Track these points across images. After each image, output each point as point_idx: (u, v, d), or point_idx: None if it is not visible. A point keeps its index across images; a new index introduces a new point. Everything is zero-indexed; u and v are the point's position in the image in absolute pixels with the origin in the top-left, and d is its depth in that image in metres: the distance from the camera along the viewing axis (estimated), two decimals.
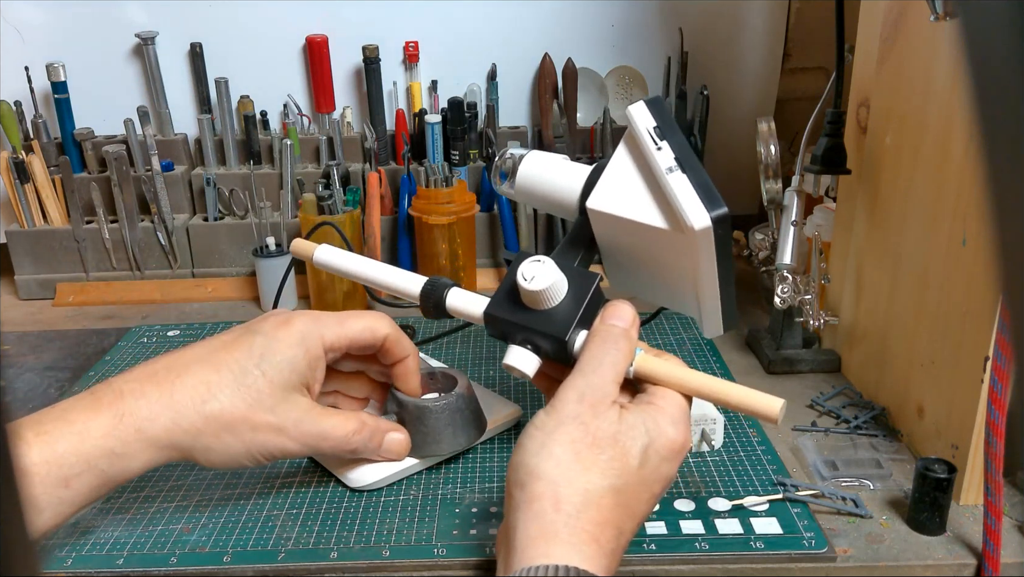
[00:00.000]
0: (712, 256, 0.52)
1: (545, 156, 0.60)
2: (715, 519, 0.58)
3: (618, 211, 0.53)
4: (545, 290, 0.51)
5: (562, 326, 0.51)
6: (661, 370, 0.50)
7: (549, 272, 0.51)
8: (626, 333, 0.51)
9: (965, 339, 0.58)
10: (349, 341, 0.57)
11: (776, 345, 0.78)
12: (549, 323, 0.52)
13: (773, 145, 0.79)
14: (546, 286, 0.51)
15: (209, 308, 0.96)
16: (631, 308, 0.52)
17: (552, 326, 0.51)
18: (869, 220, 0.72)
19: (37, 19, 0.98)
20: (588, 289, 0.52)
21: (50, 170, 0.97)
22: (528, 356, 0.53)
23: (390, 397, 0.63)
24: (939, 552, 0.55)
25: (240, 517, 0.59)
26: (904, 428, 0.67)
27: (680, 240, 0.51)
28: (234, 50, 1.00)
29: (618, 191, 0.54)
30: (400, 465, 0.62)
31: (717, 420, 0.64)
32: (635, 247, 0.56)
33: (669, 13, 1.01)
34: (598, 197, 0.54)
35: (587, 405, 0.47)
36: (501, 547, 0.47)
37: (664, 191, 0.51)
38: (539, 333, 0.52)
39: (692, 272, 0.54)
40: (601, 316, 0.52)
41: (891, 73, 0.68)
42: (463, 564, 0.55)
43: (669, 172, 0.51)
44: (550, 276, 0.51)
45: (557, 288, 0.51)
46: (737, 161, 1.05)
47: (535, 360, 0.53)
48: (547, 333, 0.51)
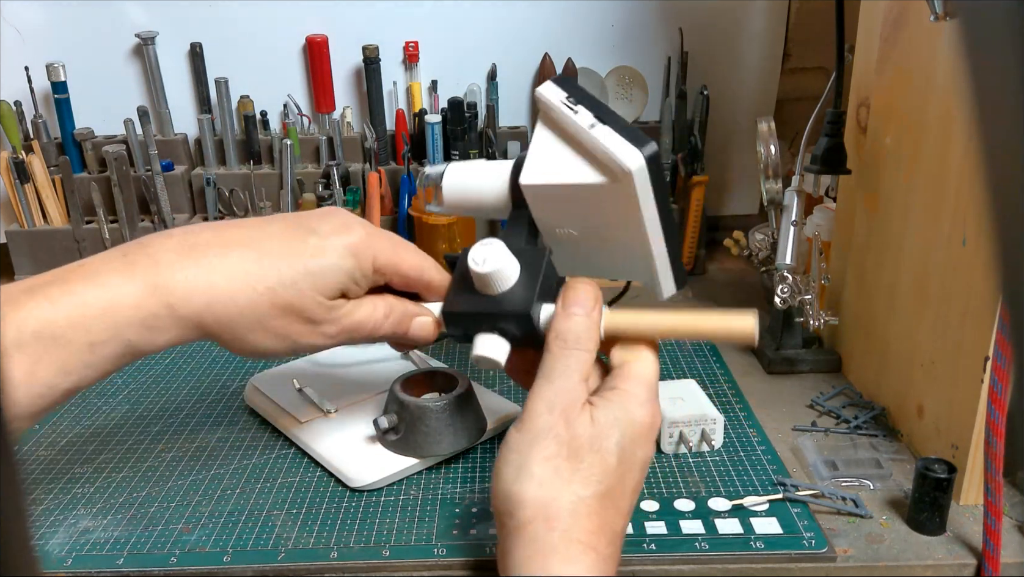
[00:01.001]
0: (651, 198, 0.51)
1: (464, 164, 0.60)
2: (715, 519, 0.58)
3: (552, 179, 0.53)
4: (499, 269, 0.50)
5: (523, 302, 0.51)
6: (629, 324, 0.50)
7: (499, 251, 0.50)
8: (587, 323, 0.49)
9: (965, 339, 0.58)
10: (397, 270, 0.54)
11: (776, 345, 0.78)
12: (510, 302, 0.51)
13: (773, 145, 0.79)
14: (500, 264, 0.50)
15: None
16: (591, 287, 0.51)
17: (513, 304, 0.51)
18: (869, 220, 0.72)
19: (37, 19, 0.98)
20: (541, 263, 0.52)
21: (50, 170, 0.97)
22: (496, 341, 0.52)
23: (390, 396, 0.63)
24: (939, 552, 0.55)
25: (240, 517, 0.59)
26: (904, 428, 0.67)
27: (617, 192, 0.51)
28: (234, 50, 1.00)
29: (547, 162, 0.53)
30: (400, 465, 0.62)
31: (717, 420, 0.64)
32: (575, 216, 0.55)
33: (669, 13, 1.01)
34: (529, 172, 0.54)
35: (558, 415, 0.46)
36: (500, 571, 0.47)
37: (591, 147, 0.51)
38: (502, 315, 0.51)
39: (635, 226, 0.53)
40: (561, 302, 0.50)
41: (891, 73, 0.68)
42: (463, 564, 0.55)
43: (592, 128, 0.51)
44: (501, 255, 0.50)
45: (510, 266, 0.51)
46: (737, 161, 1.05)
47: (504, 345, 0.52)
48: (510, 312, 0.51)
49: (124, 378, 0.79)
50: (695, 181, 0.96)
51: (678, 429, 0.64)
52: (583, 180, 0.52)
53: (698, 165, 0.96)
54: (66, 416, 0.73)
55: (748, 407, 0.72)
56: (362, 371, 0.74)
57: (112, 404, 0.74)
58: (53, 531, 0.58)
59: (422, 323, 0.56)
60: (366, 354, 0.77)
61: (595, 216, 0.54)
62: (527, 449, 0.46)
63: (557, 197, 0.54)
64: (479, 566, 0.55)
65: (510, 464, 0.46)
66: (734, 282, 1.00)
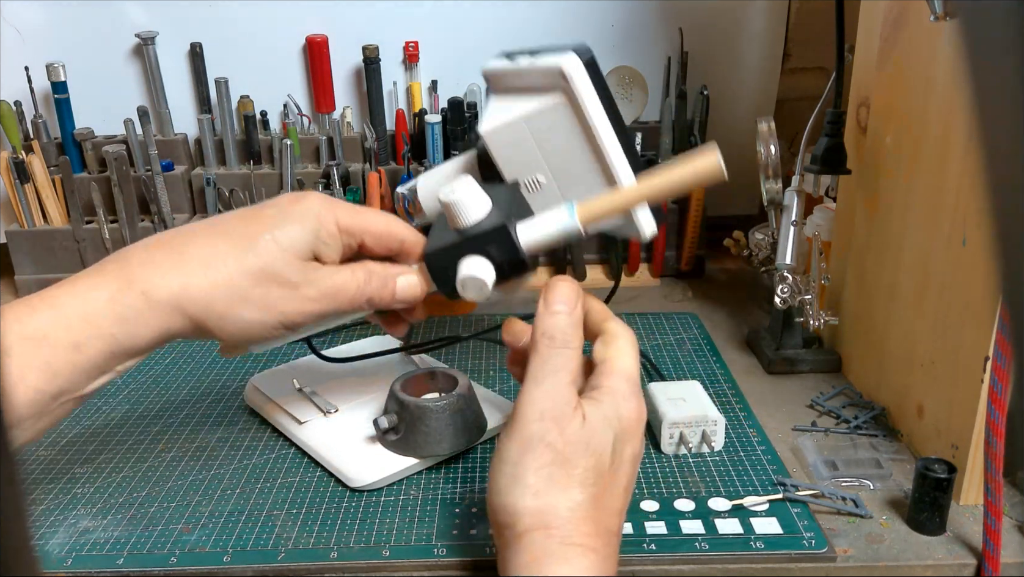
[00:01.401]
0: (598, 104, 0.53)
1: (432, 171, 0.64)
2: (715, 519, 0.58)
3: (507, 118, 0.55)
4: (468, 194, 0.51)
5: (498, 218, 0.51)
6: (604, 207, 0.51)
7: (467, 181, 0.51)
8: (571, 320, 0.49)
9: (965, 339, 0.58)
10: (364, 228, 0.54)
11: (776, 345, 0.78)
12: (486, 223, 0.51)
13: (773, 145, 0.79)
14: (468, 190, 0.51)
15: None
16: (572, 284, 0.51)
17: (490, 222, 0.51)
18: (869, 220, 0.72)
19: (37, 19, 0.98)
20: (510, 193, 0.54)
21: (50, 170, 0.97)
22: (480, 261, 0.52)
23: (390, 396, 0.63)
24: (939, 552, 0.55)
25: (240, 517, 0.59)
26: (904, 428, 0.67)
27: (567, 110, 0.53)
28: (234, 50, 1.00)
29: (501, 110, 0.56)
30: (400, 465, 0.62)
31: (718, 421, 0.64)
32: (537, 156, 0.56)
33: (669, 13, 1.01)
34: (487, 121, 0.56)
35: (549, 421, 0.46)
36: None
37: (533, 77, 0.54)
38: (480, 236, 0.51)
39: (591, 142, 0.54)
40: (544, 300, 0.50)
41: (891, 73, 0.68)
42: (463, 564, 0.55)
43: (531, 59, 0.54)
44: (469, 184, 0.51)
45: (479, 195, 0.51)
46: (737, 161, 1.04)
47: (488, 266, 0.52)
48: (487, 229, 0.51)
49: (124, 378, 0.79)
50: None
51: (678, 430, 0.64)
52: (534, 108, 0.54)
53: None
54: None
55: (748, 407, 0.72)
56: (362, 371, 0.74)
57: (112, 404, 0.74)
58: (53, 531, 0.58)
59: (407, 281, 0.55)
60: (366, 354, 0.77)
61: (555, 147, 0.56)
62: (519, 458, 0.46)
63: (517, 139, 0.56)
64: (479, 566, 0.55)
65: (504, 475, 0.46)
66: (734, 282, 1.00)
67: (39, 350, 0.46)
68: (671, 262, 1.00)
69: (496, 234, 0.51)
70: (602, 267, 1.00)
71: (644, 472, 0.63)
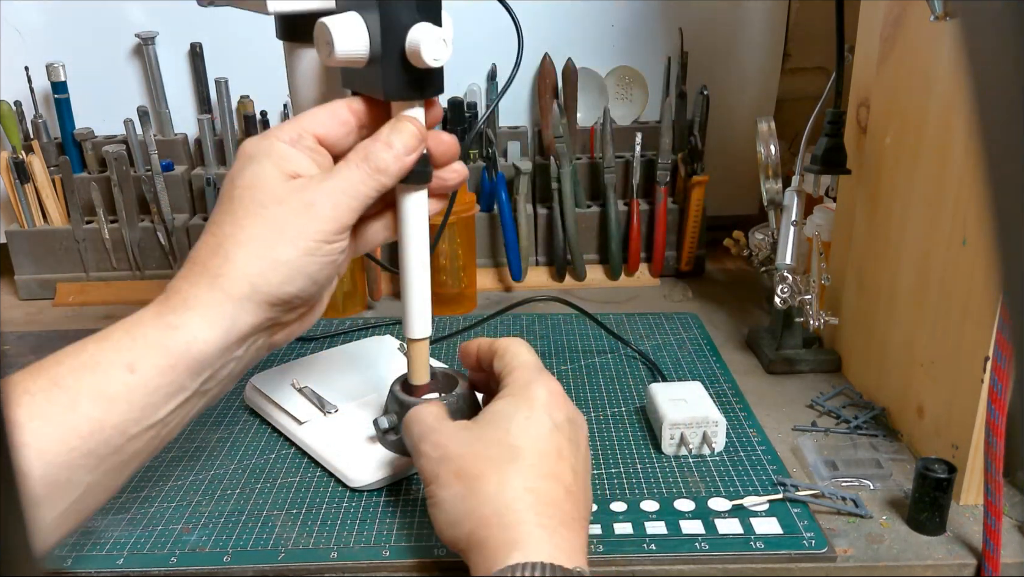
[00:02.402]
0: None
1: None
2: (715, 519, 0.58)
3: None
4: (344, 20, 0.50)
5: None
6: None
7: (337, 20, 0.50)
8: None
9: (965, 339, 0.58)
10: (305, 128, 0.51)
11: (776, 345, 0.78)
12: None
13: (773, 145, 0.79)
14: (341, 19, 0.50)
15: None
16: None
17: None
18: (869, 220, 0.72)
19: (37, 19, 0.98)
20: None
21: (50, 170, 0.97)
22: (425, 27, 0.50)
23: (390, 396, 0.63)
24: (939, 552, 0.55)
25: (240, 517, 0.59)
26: (904, 428, 0.67)
27: None
28: (234, 50, 1.00)
29: None
30: (400, 465, 0.62)
31: (719, 423, 0.64)
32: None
33: (669, 13, 1.01)
34: None
35: (450, 473, 0.49)
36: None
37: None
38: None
39: None
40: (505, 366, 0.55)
41: (891, 73, 0.68)
42: (463, 564, 0.55)
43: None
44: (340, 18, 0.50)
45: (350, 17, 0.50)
46: (737, 161, 1.05)
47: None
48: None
49: None
50: (695, 181, 0.96)
51: (679, 431, 0.64)
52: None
53: (698, 165, 0.96)
54: None
55: (748, 407, 0.72)
56: (362, 371, 0.74)
57: None
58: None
59: (397, 124, 0.52)
60: (366, 354, 0.77)
61: None
62: (461, 503, 0.48)
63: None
64: None
65: (439, 515, 0.49)
66: (734, 282, 1.00)
67: (92, 376, 0.45)
68: (671, 262, 1.00)
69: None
70: (602, 267, 1.00)
71: (644, 472, 0.63)
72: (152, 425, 0.46)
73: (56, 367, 0.45)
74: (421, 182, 0.54)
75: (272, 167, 0.49)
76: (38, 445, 0.43)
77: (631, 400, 0.73)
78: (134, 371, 0.45)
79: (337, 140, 0.53)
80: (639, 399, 0.73)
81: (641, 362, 0.80)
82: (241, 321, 0.48)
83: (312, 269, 0.49)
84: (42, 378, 0.44)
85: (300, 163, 0.50)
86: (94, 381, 0.44)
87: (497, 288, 0.98)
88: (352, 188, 0.50)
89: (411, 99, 0.52)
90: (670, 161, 0.96)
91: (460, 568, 0.55)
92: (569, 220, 0.96)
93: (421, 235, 0.55)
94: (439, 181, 0.55)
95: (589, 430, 0.68)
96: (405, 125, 0.51)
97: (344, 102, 0.53)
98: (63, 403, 0.44)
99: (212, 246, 0.49)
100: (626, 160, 0.98)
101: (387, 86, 0.51)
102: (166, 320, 0.47)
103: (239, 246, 0.48)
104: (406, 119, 0.52)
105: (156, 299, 0.49)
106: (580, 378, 0.77)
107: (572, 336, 0.85)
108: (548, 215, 0.98)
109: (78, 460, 0.44)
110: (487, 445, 0.49)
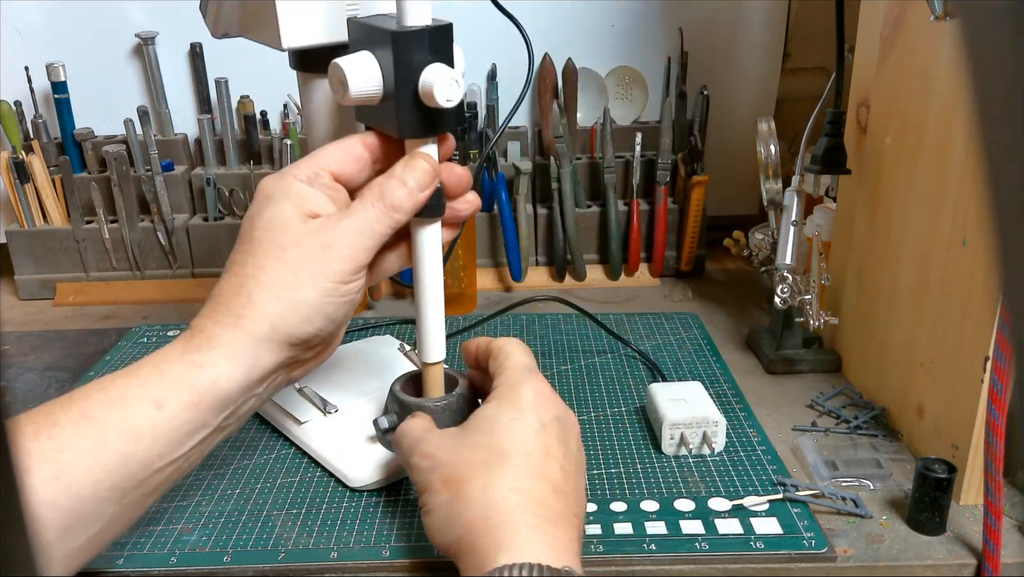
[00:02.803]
0: None
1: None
2: (715, 519, 0.58)
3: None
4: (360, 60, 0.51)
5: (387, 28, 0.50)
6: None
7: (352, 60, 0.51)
8: None
9: (965, 339, 0.58)
10: (322, 165, 0.52)
11: (776, 345, 0.78)
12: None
13: (773, 145, 0.79)
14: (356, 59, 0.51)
15: None
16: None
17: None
18: (869, 220, 0.72)
19: (37, 19, 0.98)
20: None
21: (50, 170, 0.97)
22: (437, 66, 0.51)
23: (390, 396, 0.63)
24: (939, 552, 0.55)
25: (240, 517, 0.59)
26: (904, 428, 0.67)
27: None
28: (234, 50, 1.00)
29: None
30: (400, 465, 0.62)
31: (719, 423, 0.64)
32: None
33: (669, 13, 1.01)
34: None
35: (438, 480, 0.49)
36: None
37: None
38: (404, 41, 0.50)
39: None
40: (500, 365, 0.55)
41: (891, 73, 0.68)
42: None
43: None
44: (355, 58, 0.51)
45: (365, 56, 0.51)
46: (737, 161, 1.05)
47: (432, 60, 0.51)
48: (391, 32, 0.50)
49: None
50: (695, 181, 0.96)
51: (679, 431, 0.64)
52: None
53: (698, 165, 0.96)
54: None
55: (748, 407, 0.72)
56: (362, 371, 0.74)
57: None
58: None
59: (412, 162, 0.52)
60: (366, 354, 0.77)
61: None
62: (449, 509, 0.48)
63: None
64: None
65: (437, 522, 0.49)
66: (734, 282, 1.00)
67: (120, 410, 0.46)
68: (671, 262, 1.00)
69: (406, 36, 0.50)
70: (602, 267, 1.00)
71: (644, 472, 0.63)
72: (175, 460, 0.48)
73: (85, 400, 0.46)
74: (435, 216, 0.54)
75: (291, 207, 0.51)
76: (67, 478, 0.44)
77: (631, 400, 0.73)
78: (161, 407, 0.47)
79: (352, 176, 0.54)
80: (639, 399, 0.73)
81: (641, 362, 0.80)
82: (263, 360, 0.49)
83: (330, 309, 0.51)
84: (72, 411, 0.45)
85: (317, 202, 0.51)
86: (122, 416, 0.46)
87: (497, 288, 0.98)
88: (368, 227, 0.51)
89: (424, 136, 0.53)
90: (670, 161, 0.96)
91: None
92: (569, 220, 0.96)
93: (435, 265, 0.56)
94: (452, 212, 0.56)
95: (589, 430, 0.68)
96: (419, 163, 0.52)
97: (358, 138, 0.54)
98: (92, 436, 0.45)
99: (235, 286, 0.50)
100: (626, 160, 0.98)
101: (401, 125, 0.52)
102: (191, 358, 0.48)
103: (261, 287, 0.49)
104: (420, 156, 0.53)
105: (181, 335, 0.50)
106: (580, 378, 0.77)
107: (572, 336, 0.85)
108: (548, 215, 0.98)
109: (103, 493, 0.45)
110: (473, 449, 0.49)
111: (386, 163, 0.54)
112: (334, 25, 0.56)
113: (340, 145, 0.53)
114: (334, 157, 0.53)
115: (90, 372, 0.80)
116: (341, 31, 0.56)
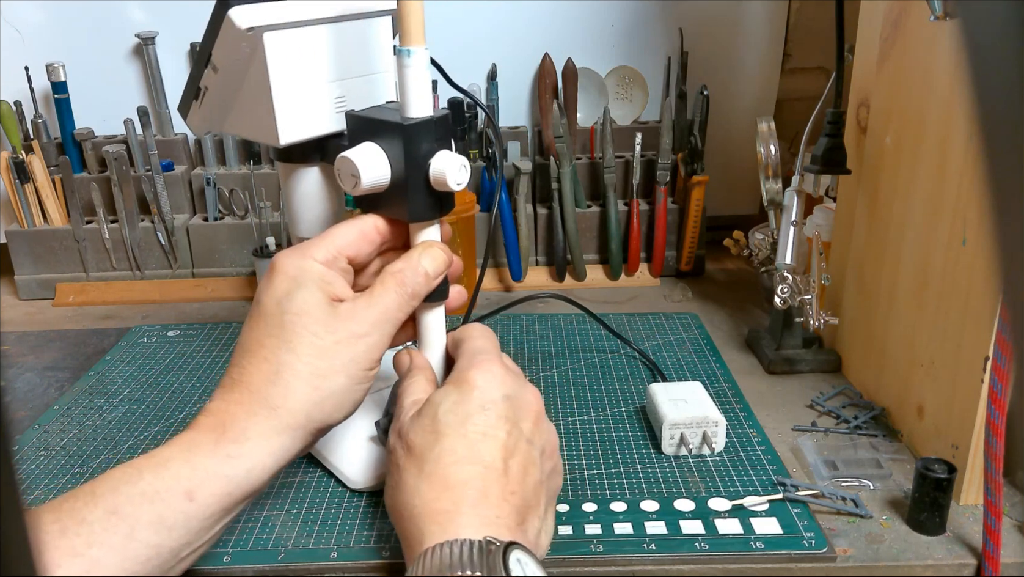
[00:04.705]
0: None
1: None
2: (715, 519, 0.58)
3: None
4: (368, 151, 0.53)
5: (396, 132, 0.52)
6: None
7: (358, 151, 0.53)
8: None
9: (965, 339, 0.58)
10: (340, 249, 0.53)
11: (776, 345, 0.78)
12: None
13: (773, 145, 0.79)
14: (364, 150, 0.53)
15: (209, 308, 0.96)
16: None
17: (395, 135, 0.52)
18: (869, 220, 0.72)
19: (37, 19, 0.98)
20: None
21: (50, 170, 0.97)
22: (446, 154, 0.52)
23: (390, 396, 0.63)
24: (939, 552, 0.55)
25: (240, 517, 0.59)
26: (904, 428, 0.67)
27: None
28: None
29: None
30: None
31: (719, 423, 0.64)
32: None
33: (669, 13, 1.01)
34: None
35: (391, 465, 0.50)
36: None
37: None
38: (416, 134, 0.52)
39: None
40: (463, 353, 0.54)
41: (891, 73, 0.68)
42: None
43: None
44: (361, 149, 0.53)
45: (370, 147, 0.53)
46: (737, 161, 1.05)
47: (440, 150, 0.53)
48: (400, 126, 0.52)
49: (124, 378, 0.79)
50: (695, 181, 0.96)
51: (679, 431, 0.64)
52: None
53: (698, 165, 0.96)
54: (66, 416, 0.73)
55: (748, 407, 0.72)
56: None
57: (112, 404, 0.74)
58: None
59: (426, 250, 0.54)
60: None
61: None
62: (389, 501, 0.49)
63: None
64: None
65: (388, 503, 0.50)
66: (734, 282, 1.00)
67: (152, 505, 0.46)
68: (671, 262, 1.00)
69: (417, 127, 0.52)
70: (602, 267, 1.00)
71: (644, 472, 0.63)
72: (202, 544, 0.49)
73: (112, 495, 0.46)
74: (441, 299, 0.57)
75: (318, 292, 0.51)
76: (97, 571, 0.44)
77: (631, 400, 0.73)
78: (193, 500, 0.47)
79: (364, 258, 0.55)
80: (639, 399, 0.73)
81: (641, 362, 0.80)
82: (294, 448, 0.51)
83: (358, 395, 0.52)
84: (99, 508, 0.45)
85: (338, 286, 0.53)
86: (153, 510, 0.46)
87: (497, 288, 0.98)
88: (392, 315, 0.53)
89: (432, 219, 0.55)
90: (670, 161, 0.96)
91: None
92: (569, 220, 0.96)
93: (440, 343, 0.58)
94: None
95: (589, 430, 0.68)
96: (436, 251, 0.54)
97: (371, 222, 0.55)
98: (122, 532, 0.45)
99: (267, 373, 0.50)
100: (626, 160, 0.98)
101: (412, 211, 0.54)
102: (226, 450, 0.48)
103: (297, 378, 0.50)
104: (436, 245, 0.55)
105: (210, 423, 0.49)
106: (580, 378, 0.77)
107: (572, 336, 0.85)
108: (548, 215, 0.98)
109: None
110: (417, 435, 0.49)
111: (390, 245, 0.56)
112: (325, 118, 0.58)
113: (354, 228, 0.54)
114: (349, 240, 0.54)
115: (90, 372, 0.80)
116: (331, 123, 0.58)
